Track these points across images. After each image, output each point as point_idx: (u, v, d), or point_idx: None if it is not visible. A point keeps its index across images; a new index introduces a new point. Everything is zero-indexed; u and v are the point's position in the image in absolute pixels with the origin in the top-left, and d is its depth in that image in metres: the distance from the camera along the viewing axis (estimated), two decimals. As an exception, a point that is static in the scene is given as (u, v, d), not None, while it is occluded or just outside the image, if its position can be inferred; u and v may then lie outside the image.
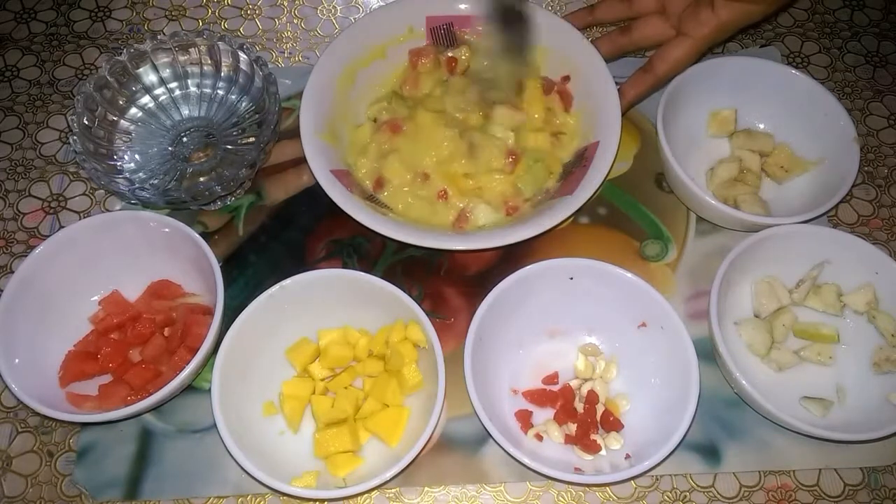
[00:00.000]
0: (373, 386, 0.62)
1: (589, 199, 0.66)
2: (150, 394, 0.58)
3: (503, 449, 0.56)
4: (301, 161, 0.67)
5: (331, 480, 0.58)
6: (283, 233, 0.73)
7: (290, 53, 0.85)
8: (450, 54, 0.77)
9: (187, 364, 0.59)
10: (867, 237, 0.70)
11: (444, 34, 0.77)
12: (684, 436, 0.56)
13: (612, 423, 0.61)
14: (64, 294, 0.65)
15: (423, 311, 0.60)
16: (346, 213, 0.65)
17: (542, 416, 0.63)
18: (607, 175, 0.67)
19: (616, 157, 0.68)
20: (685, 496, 0.62)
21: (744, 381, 0.59)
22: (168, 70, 0.76)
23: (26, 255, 0.63)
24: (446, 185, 0.69)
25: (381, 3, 0.88)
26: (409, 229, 0.65)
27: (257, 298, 0.61)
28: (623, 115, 0.70)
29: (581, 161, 0.69)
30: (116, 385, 0.62)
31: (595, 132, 0.70)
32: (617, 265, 0.63)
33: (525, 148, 0.71)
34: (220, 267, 0.62)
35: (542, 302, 0.64)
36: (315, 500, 0.60)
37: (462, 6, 0.77)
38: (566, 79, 0.75)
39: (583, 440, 0.60)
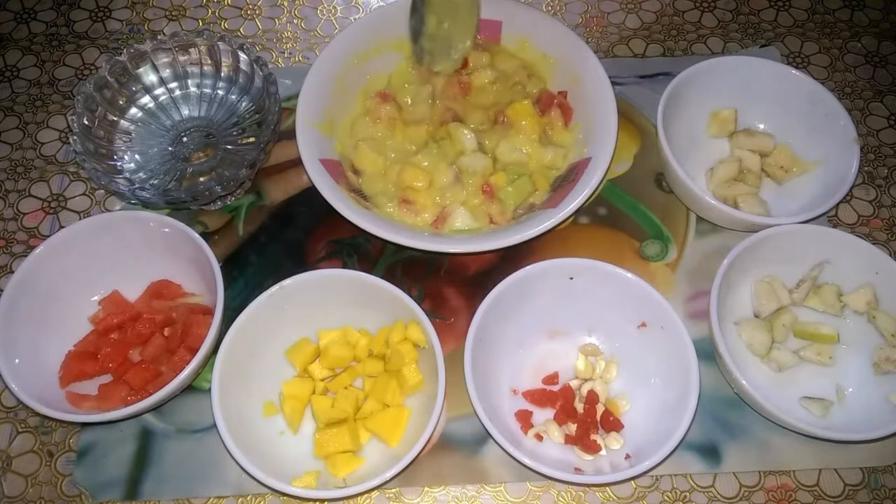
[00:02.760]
0: (373, 386, 0.62)
1: (571, 213, 0.65)
2: (150, 394, 0.58)
3: (503, 449, 0.56)
4: (301, 161, 0.68)
5: (331, 480, 0.58)
6: (283, 233, 0.73)
7: (290, 53, 0.85)
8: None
9: (187, 364, 0.59)
10: (867, 237, 0.71)
11: None
12: (684, 436, 0.56)
13: (612, 423, 0.61)
14: (64, 294, 0.65)
15: (423, 311, 0.60)
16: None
17: (542, 416, 0.63)
18: (596, 190, 0.67)
19: (606, 173, 0.68)
20: (685, 496, 0.62)
21: (744, 381, 0.59)
22: (168, 70, 0.76)
23: (26, 255, 0.63)
24: (414, 197, 0.70)
25: (382, 3, 0.88)
26: (387, 225, 0.65)
27: (257, 298, 0.61)
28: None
29: (572, 175, 0.69)
30: (116, 385, 0.62)
31: (590, 147, 0.70)
32: (617, 265, 0.63)
33: (509, 163, 0.71)
34: (220, 267, 0.62)
35: (542, 302, 0.64)
36: (315, 500, 0.60)
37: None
38: (564, 93, 0.75)
39: (583, 440, 0.60)
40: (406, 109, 0.75)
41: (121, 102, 0.75)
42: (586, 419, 0.61)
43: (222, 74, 0.76)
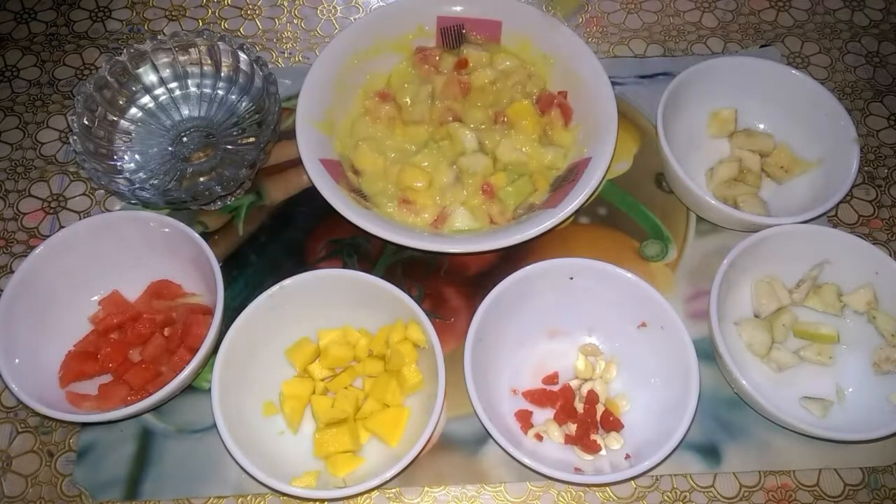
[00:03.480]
0: (373, 386, 0.62)
1: (571, 213, 0.66)
2: (150, 394, 0.58)
3: (503, 449, 0.56)
4: (301, 161, 0.68)
5: (330, 480, 0.58)
6: (283, 233, 0.73)
7: (290, 53, 0.85)
8: (463, 53, 0.77)
9: (187, 364, 0.59)
10: (867, 237, 0.71)
11: (454, 35, 0.78)
12: (684, 436, 0.56)
13: (612, 423, 0.61)
14: (64, 294, 0.65)
15: (423, 311, 0.60)
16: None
17: (542, 416, 0.63)
18: (596, 190, 0.67)
19: (607, 172, 0.68)
20: (685, 496, 0.62)
21: (744, 381, 0.59)
22: (168, 70, 0.76)
23: (26, 255, 0.63)
24: (414, 197, 0.70)
25: (382, 3, 0.88)
26: (387, 225, 0.65)
27: (257, 298, 0.61)
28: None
29: (572, 175, 0.69)
30: (116, 385, 0.62)
31: (590, 147, 0.70)
32: (617, 265, 0.63)
33: (509, 163, 0.72)
34: (220, 267, 0.62)
35: (542, 302, 0.64)
36: (315, 500, 0.60)
37: (474, 9, 0.77)
38: (564, 94, 0.75)
39: (583, 440, 0.60)
40: (406, 109, 0.75)
41: (121, 102, 0.75)
42: (586, 419, 0.61)
43: (222, 74, 0.76)
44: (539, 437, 0.61)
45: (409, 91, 0.76)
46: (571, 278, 0.63)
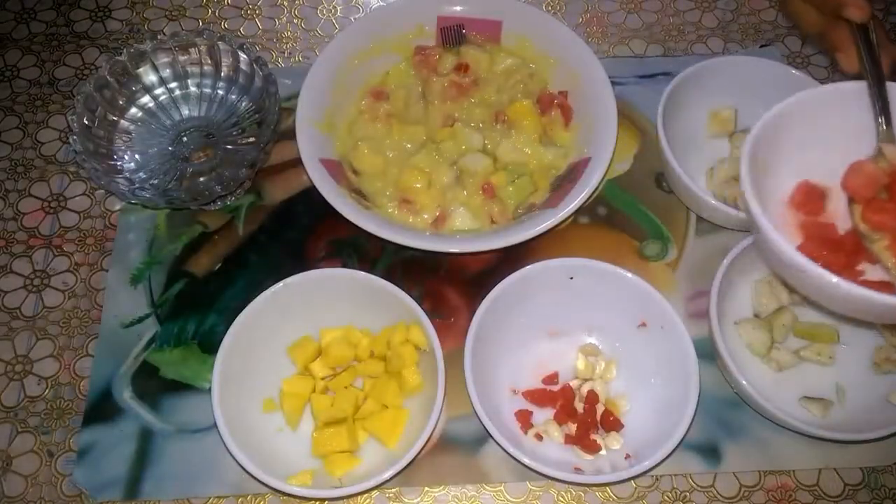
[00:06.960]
0: (373, 387, 0.62)
1: (571, 213, 0.66)
2: None
3: (503, 449, 0.56)
4: (301, 161, 0.68)
5: (327, 480, 0.58)
6: (283, 233, 0.73)
7: (290, 53, 0.85)
8: (462, 54, 0.77)
9: None
10: (867, 237, 0.70)
11: (454, 36, 0.78)
12: (684, 436, 0.56)
13: (612, 423, 0.61)
14: None
15: (424, 311, 0.60)
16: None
17: (542, 416, 0.63)
18: (596, 189, 0.67)
19: (607, 172, 0.68)
20: (685, 496, 0.62)
21: (744, 381, 0.59)
22: (168, 70, 0.76)
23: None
24: (414, 197, 0.70)
25: (382, 3, 0.88)
26: (387, 225, 0.65)
27: (261, 295, 0.61)
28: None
29: (571, 175, 0.69)
30: None
31: (590, 147, 0.70)
32: (617, 265, 0.63)
33: (509, 163, 0.72)
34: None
35: (542, 302, 0.64)
36: (315, 500, 0.60)
37: (474, 9, 0.77)
38: (564, 94, 0.75)
39: (583, 440, 0.60)
40: (402, 112, 0.75)
41: (121, 102, 0.75)
42: (586, 419, 0.61)
43: (222, 74, 0.76)
44: (539, 437, 0.61)
45: (402, 94, 0.76)
46: (571, 278, 0.63)
